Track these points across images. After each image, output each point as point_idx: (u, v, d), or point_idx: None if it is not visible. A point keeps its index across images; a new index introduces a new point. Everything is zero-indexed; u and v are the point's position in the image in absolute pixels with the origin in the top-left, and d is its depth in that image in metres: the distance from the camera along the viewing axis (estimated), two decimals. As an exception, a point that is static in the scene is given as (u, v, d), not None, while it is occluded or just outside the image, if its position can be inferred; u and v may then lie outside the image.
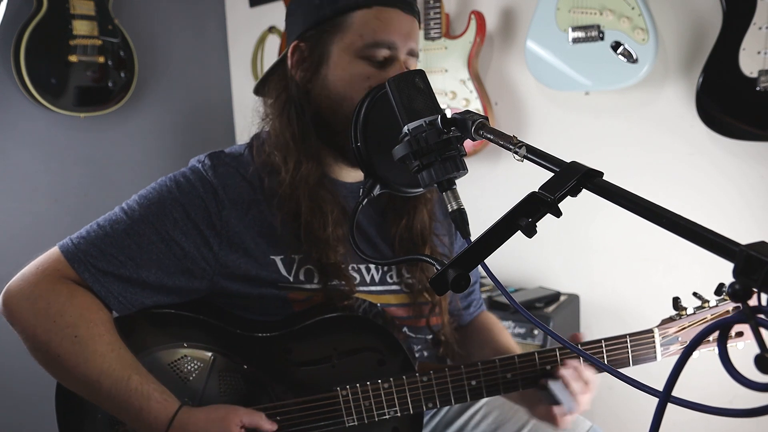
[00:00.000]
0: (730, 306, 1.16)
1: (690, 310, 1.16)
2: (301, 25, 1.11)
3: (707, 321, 1.15)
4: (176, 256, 1.08)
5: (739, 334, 1.15)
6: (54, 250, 1.09)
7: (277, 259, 1.12)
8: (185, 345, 1.12)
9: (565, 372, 1.09)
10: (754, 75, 1.82)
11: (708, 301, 1.17)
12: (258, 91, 1.23)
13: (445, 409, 1.36)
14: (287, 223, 1.11)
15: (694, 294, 1.17)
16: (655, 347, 1.14)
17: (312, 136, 1.12)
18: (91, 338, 1.03)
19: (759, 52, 1.81)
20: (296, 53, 1.12)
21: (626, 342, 1.13)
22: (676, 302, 1.16)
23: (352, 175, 1.20)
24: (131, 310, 1.09)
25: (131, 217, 1.08)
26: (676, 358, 1.00)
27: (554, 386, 1.09)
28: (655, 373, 0.86)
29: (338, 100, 1.09)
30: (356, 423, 1.10)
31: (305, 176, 1.10)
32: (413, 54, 1.12)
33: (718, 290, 1.15)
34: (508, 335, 1.35)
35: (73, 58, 2.45)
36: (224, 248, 1.09)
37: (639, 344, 1.14)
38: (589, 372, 1.10)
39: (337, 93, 1.08)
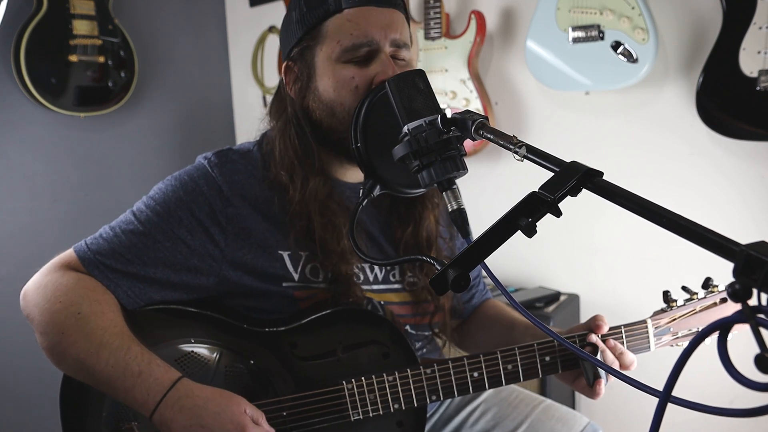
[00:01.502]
0: (717, 297, 1.19)
1: (680, 302, 1.19)
2: (288, 45, 1.15)
3: (696, 312, 1.19)
4: (182, 253, 1.10)
5: None
6: (69, 251, 1.14)
7: (285, 255, 1.14)
8: (192, 341, 1.13)
9: (594, 340, 1.11)
10: (754, 75, 1.82)
11: (696, 293, 1.20)
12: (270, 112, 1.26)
13: (444, 405, 1.37)
14: (298, 238, 1.13)
15: (683, 288, 1.20)
16: (648, 337, 1.17)
17: (314, 151, 1.14)
18: (93, 314, 1.04)
19: (759, 52, 1.81)
20: (289, 72, 1.16)
21: (621, 332, 1.15)
22: (666, 295, 1.19)
23: (356, 175, 1.21)
24: (139, 304, 1.11)
25: (139, 218, 1.12)
26: (671, 353, 1.01)
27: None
28: (655, 373, 0.86)
29: (330, 106, 1.10)
30: (361, 417, 1.10)
31: (314, 192, 1.12)
32: (399, 45, 1.10)
33: (705, 284, 1.19)
34: (518, 317, 1.35)
35: (73, 58, 2.45)
36: (231, 244, 1.11)
37: (633, 334, 1.16)
38: (629, 357, 1.11)
39: (329, 100, 1.10)
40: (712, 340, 0.57)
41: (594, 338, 1.11)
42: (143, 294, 1.11)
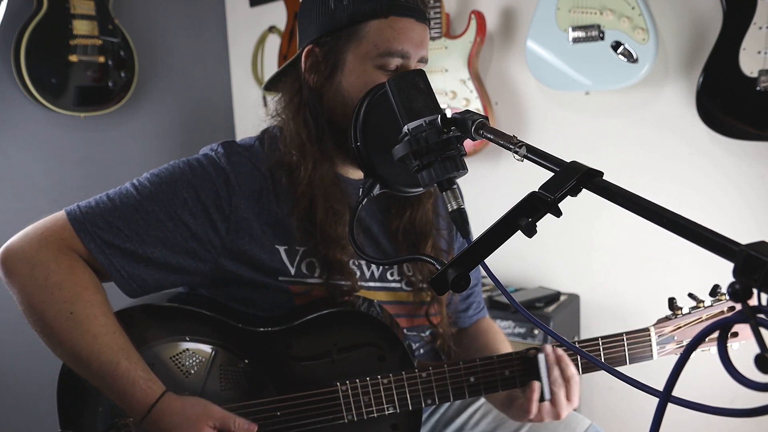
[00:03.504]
0: (724, 306, 1.17)
1: (685, 310, 1.17)
2: (316, 30, 1.12)
3: (702, 321, 1.16)
4: (183, 236, 1.09)
5: (734, 334, 1.16)
6: (60, 215, 1.08)
7: (281, 249, 1.14)
8: (187, 339, 1.12)
9: (548, 351, 1.10)
10: (754, 75, 1.82)
11: (703, 302, 1.18)
12: (268, 87, 1.25)
13: (444, 407, 1.37)
14: (299, 219, 1.13)
15: (690, 295, 1.18)
16: (651, 346, 1.15)
17: (326, 137, 1.14)
18: (86, 317, 1.03)
19: (759, 52, 1.81)
20: (310, 57, 1.14)
21: (623, 340, 1.14)
22: (672, 302, 1.17)
23: (357, 172, 1.21)
24: (132, 286, 1.09)
25: (141, 193, 1.09)
26: (672, 357, 1.01)
27: (541, 360, 1.09)
28: (655, 373, 0.86)
29: (351, 105, 1.09)
30: (355, 418, 1.10)
31: (323, 176, 1.13)
32: (423, 61, 1.14)
33: (713, 291, 1.16)
34: (507, 345, 1.35)
35: (73, 58, 2.45)
36: (232, 233, 1.11)
37: (635, 343, 1.15)
38: (571, 368, 1.10)
39: (351, 99, 1.10)
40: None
41: (548, 348, 1.10)
42: (136, 274, 1.08)
